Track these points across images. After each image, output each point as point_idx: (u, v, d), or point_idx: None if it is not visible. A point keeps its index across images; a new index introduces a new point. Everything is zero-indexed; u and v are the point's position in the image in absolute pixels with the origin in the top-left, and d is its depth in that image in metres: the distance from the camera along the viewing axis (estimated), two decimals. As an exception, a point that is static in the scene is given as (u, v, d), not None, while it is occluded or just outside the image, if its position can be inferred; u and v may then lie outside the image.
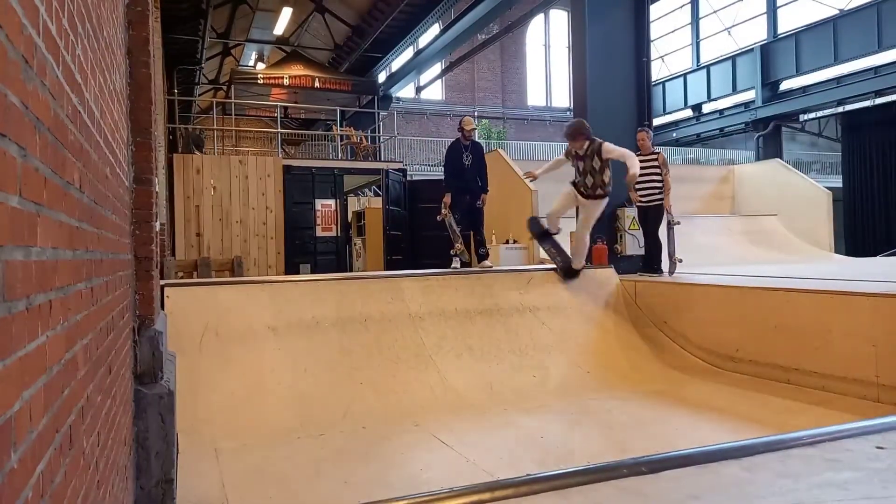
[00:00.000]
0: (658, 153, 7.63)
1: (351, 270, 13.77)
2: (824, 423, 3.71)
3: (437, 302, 6.05)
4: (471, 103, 26.81)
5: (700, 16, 24.48)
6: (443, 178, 8.16)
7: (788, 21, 20.05)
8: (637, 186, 7.59)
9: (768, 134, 19.71)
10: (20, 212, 0.88)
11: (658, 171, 7.51)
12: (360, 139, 17.13)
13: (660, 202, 7.47)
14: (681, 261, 7.40)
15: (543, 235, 7.22)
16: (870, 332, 4.55)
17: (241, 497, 3.25)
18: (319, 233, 13.43)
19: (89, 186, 1.57)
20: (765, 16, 20.93)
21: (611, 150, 6.64)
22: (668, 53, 25.57)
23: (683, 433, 4.19)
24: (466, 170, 7.83)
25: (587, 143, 6.74)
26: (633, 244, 7.80)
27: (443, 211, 7.92)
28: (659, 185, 7.50)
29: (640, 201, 7.58)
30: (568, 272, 6.86)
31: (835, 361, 4.78)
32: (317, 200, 13.48)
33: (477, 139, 8.03)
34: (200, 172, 12.14)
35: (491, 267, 7.54)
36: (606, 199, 6.77)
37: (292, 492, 3.33)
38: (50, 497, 1.02)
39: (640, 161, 7.51)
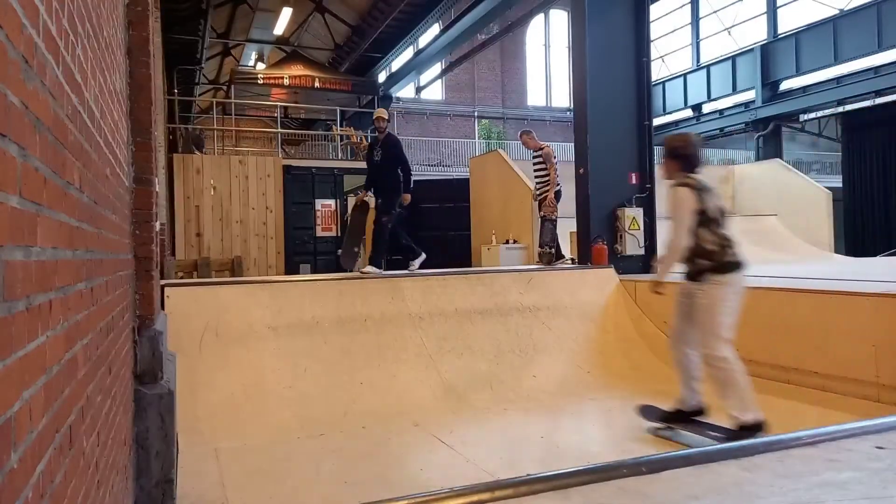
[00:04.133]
0: (542, 148, 8.00)
1: (351, 270, 13.76)
2: (824, 423, 3.71)
3: (437, 302, 6.05)
4: (471, 103, 26.80)
5: (700, 16, 24.46)
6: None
7: (788, 21, 20.03)
8: (536, 182, 8.16)
9: (768, 134, 19.69)
10: (20, 212, 0.88)
11: (543, 166, 7.91)
12: (360, 139, 17.12)
13: (545, 195, 7.86)
14: (551, 251, 7.75)
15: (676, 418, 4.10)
16: (870, 332, 4.55)
17: (241, 497, 3.25)
18: (319, 233, 13.44)
19: (89, 186, 1.57)
20: (765, 16, 20.92)
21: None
22: (668, 53, 25.55)
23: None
24: (376, 168, 7.02)
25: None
26: (633, 244, 7.80)
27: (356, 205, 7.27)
28: (546, 178, 7.88)
29: (536, 196, 8.12)
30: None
31: (835, 361, 4.78)
32: (317, 200, 13.48)
33: (392, 133, 7.10)
34: (200, 172, 12.13)
35: (414, 270, 6.71)
36: (710, 285, 3.76)
37: (292, 492, 3.33)
38: (50, 497, 1.02)
39: (533, 157, 8.14)
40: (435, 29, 15.81)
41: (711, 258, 3.60)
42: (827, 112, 18.48)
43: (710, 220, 3.60)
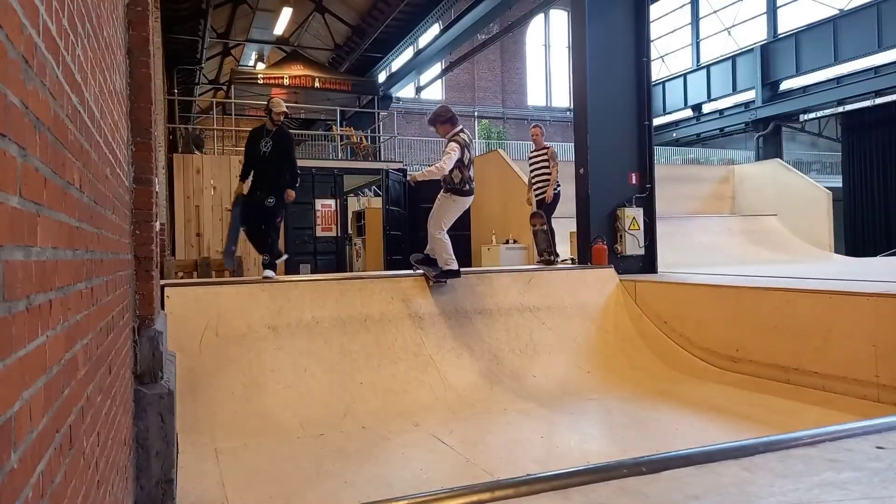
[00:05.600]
0: (548, 148, 8.06)
1: (351, 270, 13.77)
2: (824, 423, 3.71)
3: (436, 302, 6.05)
4: (471, 103, 26.80)
5: (700, 16, 24.47)
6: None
7: (788, 21, 20.04)
8: (532, 180, 8.18)
9: (768, 134, 19.70)
10: (20, 212, 0.88)
11: (547, 164, 7.96)
12: (360, 139, 17.13)
13: (545, 194, 7.92)
14: (550, 256, 7.85)
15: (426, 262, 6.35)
16: (870, 332, 4.55)
17: (241, 497, 3.25)
18: (319, 233, 13.44)
19: (89, 186, 1.57)
20: (765, 16, 20.92)
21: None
22: (668, 53, 25.56)
23: (683, 433, 4.19)
24: (263, 159, 6.47)
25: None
26: (633, 244, 7.81)
27: (230, 206, 6.57)
28: (548, 177, 7.94)
29: (536, 195, 8.08)
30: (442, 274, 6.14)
31: (835, 361, 4.78)
32: (317, 200, 13.48)
33: (285, 127, 6.71)
34: (200, 172, 12.13)
35: (270, 279, 6.11)
36: (446, 195, 6.05)
37: (292, 491, 3.33)
38: (50, 497, 1.02)
39: (533, 155, 8.20)
40: (435, 29, 15.82)
41: (455, 184, 5.95)
42: (827, 112, 18.49)
43: (463, 164, 5.93)
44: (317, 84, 17.61)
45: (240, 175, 6.70)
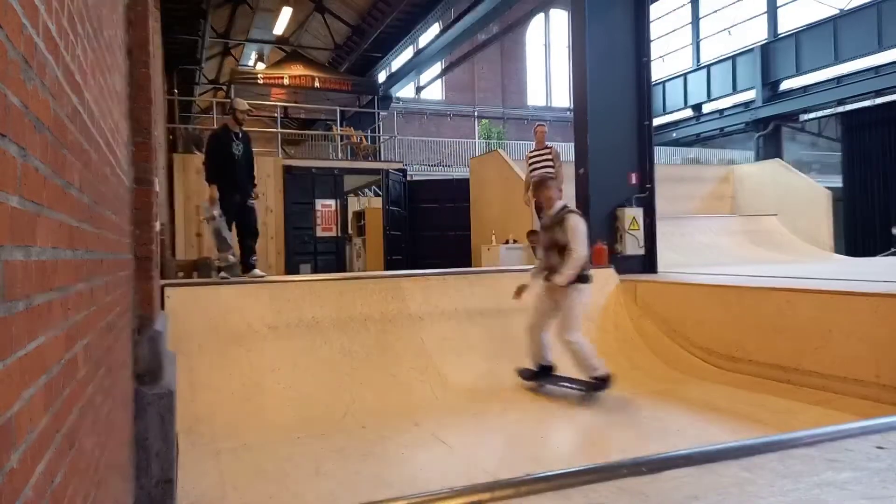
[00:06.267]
0: (551, 147, 8.15)
1: (351, 270, 13.77)
2: (824, 423, 3.71)
3: (437, 302, 6.05)
4: (471, 103, 26.79)
5: (700, 16, 24.45)
6: (211, 170, 6.51)
7: (788, 21, 20.03)
8: (533, 180, 7.94)
9: (768, 134, 19.69)
10: (20, 212, 0.88)
11: (551, 164, 8.02)
12: (360, 139, 17.12)
13: None
14: None
15: (542, 375, 5.30)
16: (870, 332, 4.55)
17: (241, 496, 3.25)
18: (319, 233, 13.43)
19: (89, 187, 1.57)
20: (765, 16, 20.91)
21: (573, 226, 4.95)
22: (668, 53, 25.55)
23: (683, 433, 4.19)
24: (237, 162, 6.37)
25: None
26: (633, 244, 7.81)
27: (213, 212, 6.31)
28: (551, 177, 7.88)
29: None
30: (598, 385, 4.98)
31: (835, 361, 4.78)
32: (317, 200, 13.47)
33: (247, 129, 6.61)
34: (200, 172, 12.11)
35: (263, 277, 6.24)
36: (571, 289, 4.94)
37: (292, 491, 3.33)
38: (50, 497, 1.02)
39: (533, 154, 8.23)
40: (435, 29, 15.81)
41: (582, 271, 4.83)
42: (827, 112, 18.48)
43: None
44: (317, 84, 17.59)
45: (209, 179, 6.45)
